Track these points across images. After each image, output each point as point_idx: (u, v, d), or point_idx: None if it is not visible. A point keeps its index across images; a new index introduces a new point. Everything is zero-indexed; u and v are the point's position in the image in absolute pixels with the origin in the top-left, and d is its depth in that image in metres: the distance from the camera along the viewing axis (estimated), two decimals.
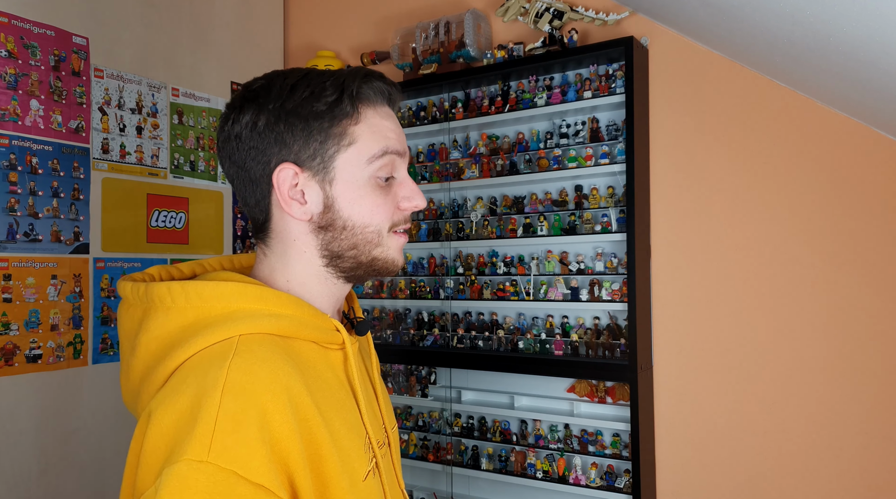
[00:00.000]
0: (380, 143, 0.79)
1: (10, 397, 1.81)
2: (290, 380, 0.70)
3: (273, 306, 0.75)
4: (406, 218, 0.83)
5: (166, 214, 2.24)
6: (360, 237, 0.80)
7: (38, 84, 1.90)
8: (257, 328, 0.73)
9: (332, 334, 0.80)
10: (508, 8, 2.12)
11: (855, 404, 1.72)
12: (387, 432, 0.88)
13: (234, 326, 0.72)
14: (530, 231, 2.09)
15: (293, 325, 0.75)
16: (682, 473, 1.92)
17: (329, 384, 0.77)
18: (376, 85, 0.80)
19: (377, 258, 0.81)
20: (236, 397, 0.65)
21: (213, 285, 0.74)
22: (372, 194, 0.79)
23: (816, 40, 1.40)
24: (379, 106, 0.81)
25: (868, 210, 1.72)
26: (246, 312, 0.74)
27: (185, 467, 0.60)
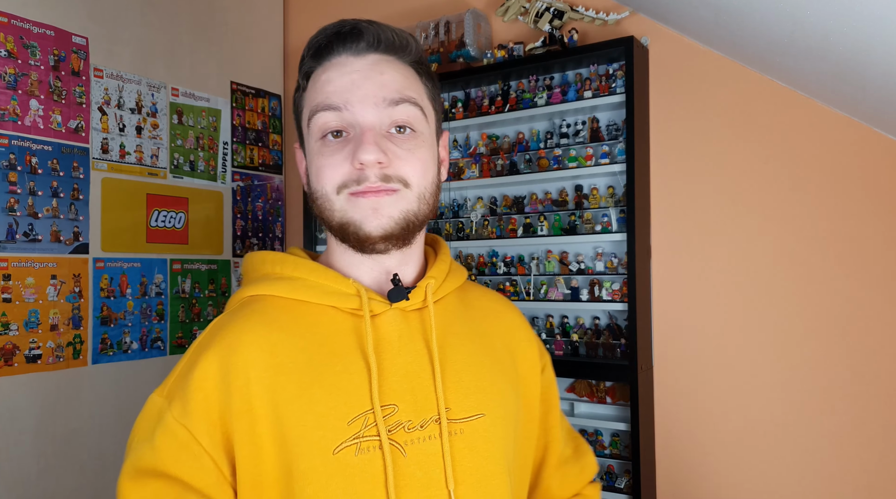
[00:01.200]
0: (313, 100, 0.75)
1: (9, 397, 1.81)
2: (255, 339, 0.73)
3: (288, 270, 0.79)
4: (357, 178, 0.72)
5: (166, 214, 2.24)
6: (319, 203, 0.76)
7: (37, 84, 1.89)
8: (263, 291, 0.79)
9: (349, 298, 0.76)
10: (508, 8, 2.12)
11: (855, 403, 1.72)
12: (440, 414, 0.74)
13: (249, 288, 0.80)
14: (530, 231, 2.09)
15: (298, 287, 0.77)
16: (682, 473, 1.91)
17: (329, 347, 0.74)
18: (319, 39, 0.76)
19: (342, 222, 0.75)
20: (198, 349, 0.74)
21: (260, 253, 0.83)
22: (316, 158, 0.75)
23: (816, 40, 1.40)
24: (329, 59, 0.75)
25: (868, 210, 1.72)
26: (267, 276, 0.80)
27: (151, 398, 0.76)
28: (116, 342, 2.07)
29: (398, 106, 0.74)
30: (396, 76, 0.75)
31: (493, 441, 0.77)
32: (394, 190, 0.73)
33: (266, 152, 2.63)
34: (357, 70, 0.74)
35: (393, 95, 0.74)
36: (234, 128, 2.50)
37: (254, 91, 2.58)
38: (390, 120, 0.74)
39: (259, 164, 2.60)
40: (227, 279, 2.44)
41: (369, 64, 0.74)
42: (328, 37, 0.75)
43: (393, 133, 0.75)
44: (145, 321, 2.16)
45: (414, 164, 0.75)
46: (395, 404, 0.73)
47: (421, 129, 0.77)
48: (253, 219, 2.57)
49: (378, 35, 0.76)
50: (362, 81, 0.73)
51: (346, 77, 0.74)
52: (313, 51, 0.76)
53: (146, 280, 2.17)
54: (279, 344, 0.73)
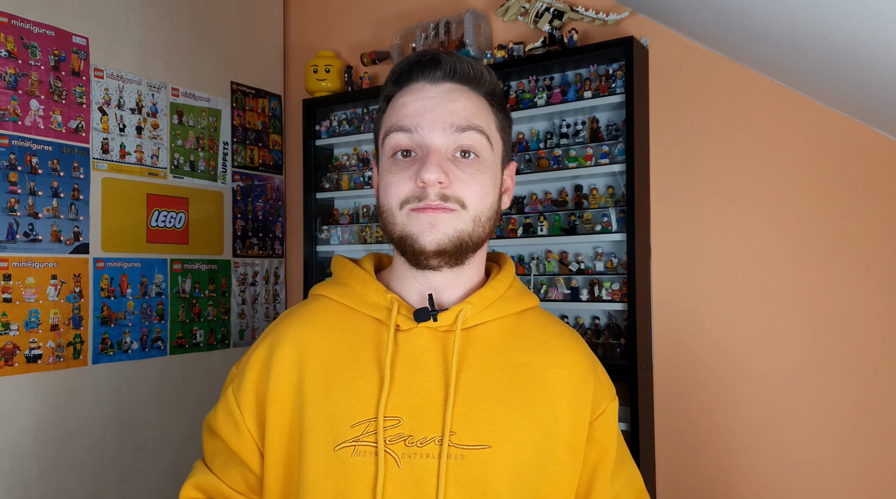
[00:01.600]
0: (388, 122, 0.82)
1: (9, 397, 1.81)
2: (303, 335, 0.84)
3: (345, 277, 0.89)
4: (418, 195, 0.77)
5: (166, 214, 2.24)
6: (384, 217, 0.82)
7: (37, 84, 1.90)
8: (322, 291, 0.89)
9: (383, 311, 0.83)
10: (508, 8, 2.12)
11: (855, 403, 1.72)
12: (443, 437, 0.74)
13: (319, 287, 0.91)
14: (530, 231, 2.09)
15: (345, 293, 0.86)
16: (682, 473, 1.92)
17: (357, 352, 0.81)
18: (398, 68, 0.84)
19: (402, 235, 0.79)
20: (264, 335, 0.88)
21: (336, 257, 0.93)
22: (386, 174, 0.81)
23: (816, 40, 1.40)
24: (408, 85, 0.82)
25: (868, 210, 1.72)
26: (333, 281, 0.90)
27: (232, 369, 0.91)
28: (117, 342, 2.07)
29: (465, 132, 0.78)
30: (467, 104, 0.80)
31: (496, 475, 0.75)
32: (451, 209, 0.77)
33: (266, 152, 2.63)
34: (431, 96, 0.79)
35: (461, 122, 0.78)
36: (234, 128, 2.50)
37: (254, 91, 2.58)
38: (456, 144, 0.79)
39: (259, 164, 2.60)
40: (227, 279, 2.44)
41: (443, 91, 0.80)
42: (409, 65, 0.82)
43: (458, 157, 0.79)
44: (145, 321, 2.16)
45: (473, 187, 0.79)
46: (400, 417, 0.76)
47: (485, 156, 0.81)
48: (253, 219, 2.57)
49: (454, 65, 0.81)
50: (434, 107, 0.79)
51: (420, 102, 0.79)
52: (395, 77, 0.83)
53: (146, 280, 2.17)
54: (315, 343, 0.83)
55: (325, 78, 2.44)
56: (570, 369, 0.84)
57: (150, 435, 2.15)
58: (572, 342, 0.88)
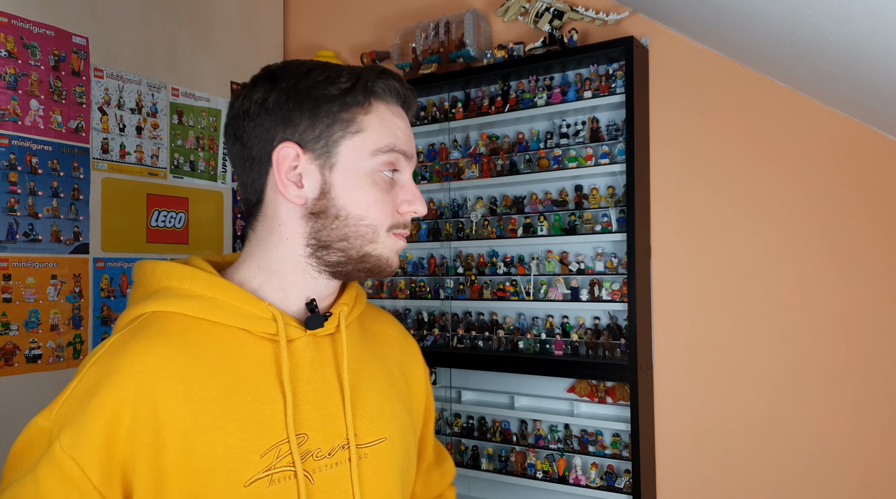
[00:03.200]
0: (388, 138, 0.77)
1: (9, 397, 1.81)
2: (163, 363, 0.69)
3: (193, 287, 0.75)
4: (406, 222, 0.80)
5: (166, 214, 2.24)
6: (353, 229, 0.76)
7: (37, 84, 1.90)
8: (168, 307, 0.74)
9: (264, 322, 0.75)
10: (508, 8, 2.12)
11: (855, 403, 1.72)
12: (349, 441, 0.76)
13: (150, 303, 0.74)
14: (530, 231, 2.09)
15: (206, 307, 0.74)
16: (682, 473, 1.92)
17: (240, 375, 0.72)
18: (392, 83, 0.79)
19: (369, 255, 0.77)
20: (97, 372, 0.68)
21: (154, 264, 0.78)
22: (371, 188, 0.76)
23: (816, 40, 1.40)
24: (392, 104, 0.80)
25: (868, 210, 1.72)
26: (167, 291, 0.75)
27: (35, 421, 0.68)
28: None
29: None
30: None
31: (393, 463, 0.81)
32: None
33: None
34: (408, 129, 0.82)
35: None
36: None
37: None
38: None
39: None
40: None
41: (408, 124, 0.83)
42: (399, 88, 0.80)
43: None
44: None
45: None
46: (306, 433, 0.74)
47: None
48: None
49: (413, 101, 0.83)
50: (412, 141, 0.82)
51: (408, 132, 0.81)
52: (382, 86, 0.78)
53: None
54: (190, 370, 0.70)
55: None
56: (409, 352, 0.95)
57: None
58: (400, 327, 0.97)
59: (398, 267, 0.82)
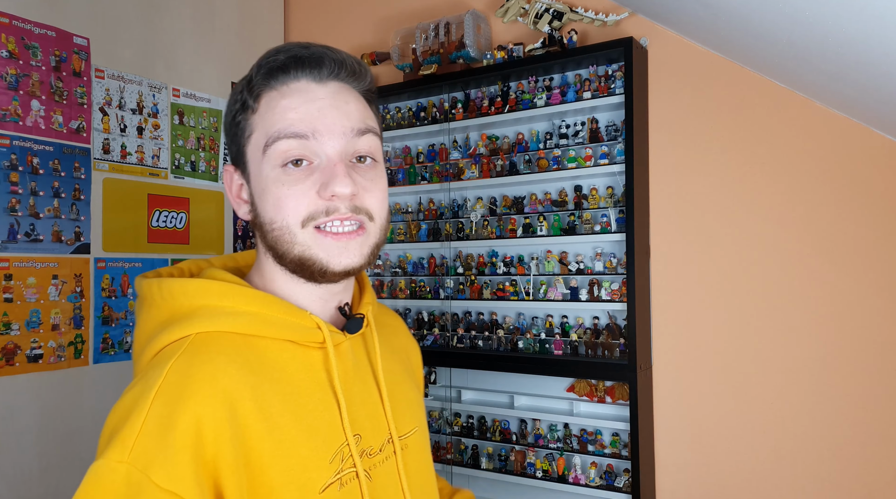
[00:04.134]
0: (273, 126, 0.71)
1: (10, 396, 1.81)
2: (232, 384, 0.67)
3: (236, 303, 0.73)
4: (325, 209, 0.71)
5: (167, 215, 2.24)
6: (273, 235, 0.72)
7: (38, 84, 1.90)
8: (214, 326, 0.71)
9: (310, 332, 0.75)
10: (508, 9, 2.13)
11: (854, 403, 1.72)
12: (392, 438, 0.79)
13: (192, 324, 0.71)
14: (530, 231, 2.10)
15: (255, 323, 0.72)
16: (682, 472, 1.92)
17: (296, 386, 0.72)
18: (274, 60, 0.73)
19: (303, 257, 0.72)
20: (168, 401, 0.64)
21: (182, 282, 0.74)
22: (273, 186, 0.71)
23: (816, 40, 1.40)
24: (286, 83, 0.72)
25: (868, 210, 1.72)
26: (207, 310, 0.72)
27: (104, 465, 0.61)
28: (118, 342, 2.08)
29: (363, 136, 0.73)
30: (358, 106, 0.75)
31: (426, 450, 0.86)
32: (362, 229, 0.73)
33: None
34: (321, 98, 0.72)
35: (359, 125, 0.73)
36: None
37: None
38: (353, 150, 0.73)
39: None
40: None
41: (332, 92, 0.73)
42: (286, 59, 0.72)
43: (355, 163, 0.74)
44: None
45: (377, 194, 0.75)
46: (360, 433, 0.75)
47: (379, 158, 0.77)
48: None
49: (340, 62, 0.74)
50: (329, 110, 0.72)
51: (312, 104, 0.71)
52: (266, 70, 0.73)
53: None
54: (256, 388, 0.69)
55: None
56: (410, 342, 0.98)
57: None
58: (398, 317, 1.00)
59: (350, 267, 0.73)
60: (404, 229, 2.36)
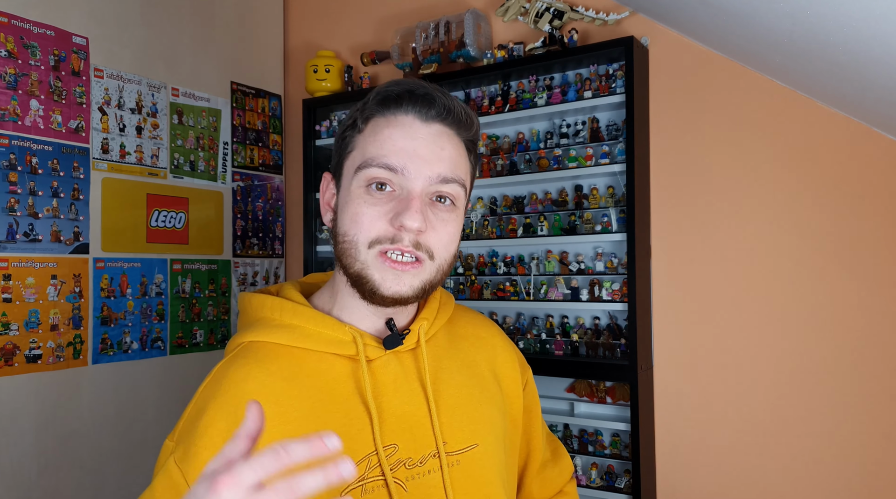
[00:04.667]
0: (369, 152, 0.76)
1: (9, 397, 1.81)
2: (257, 387, 0.74)
3: (284, 317, 0.81)
4: (392, 237, 0.75)
5: (166, 214, 2.24)
6: (343, 246, 0.78)
7: (37, 84, 1.90)
8: (263, 337, 0.79)
9: (345, 345, 0.79)
10: (508, 8, 2.12)
11: (855, 403, 1.72)
12: (439, 452, 0.79)
13: (250, 333, 0.80)
14: (530, 231, 2.09)
15: (295, 335, 0.79)
16: (682, 473, 1.92)
17: (330, 395, 0.77)
18: (391, 90, 0.78)
19: (361, 275, 0.76)
20: (204, 397, 0.75)
21: (252, 296, 0.85)
22: (356, 203, 0.76)
23: (816, 40, 1.40)
24: (395, 114, 0.77)
25: (868, 210, 1.72)
26: (263, 322, 0.81)
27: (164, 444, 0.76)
28: (117, 342, 2.07)
29: (448, 184, 0.77)
30: (453, 154, 0.79)
31: (488, 467, 0.83)
32: (419, 262, 0.76)
33: (266, 152, 2.63)
34: (421, 137, 0.76)
35: (447, 173, 0.77)
36: (234, 128, 2.50)
37: (254, 91, 2.58)
38: (435, 191, 0.77)
39: (259, 164, 2.60)
40: (227, 279, 2.44)
41: (433, 134, 0.77)
42: (401, 92, 0.77)
43: (434, 201, 0.78)
44: (145, 321, 2.16)
45: (443, 236, 0.78)
46: (396, 444, 0.77)
47: (459, 205, 0.80)
48: (253, 219, 2.57)
49: (448, 106, 0.78)
50: (424, 151, 0.76)
51: (410, 142, 0.76)
52: (381, 98, 0.78)
53: (146, 280, 2.17)
54: (283, 393, 0.74)
55: (325, 78, 2.45)
56: (502, 353, 0.94)
57: (150, 435, 2.15)
58: (491, 329, 0.97)
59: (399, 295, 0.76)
60: None
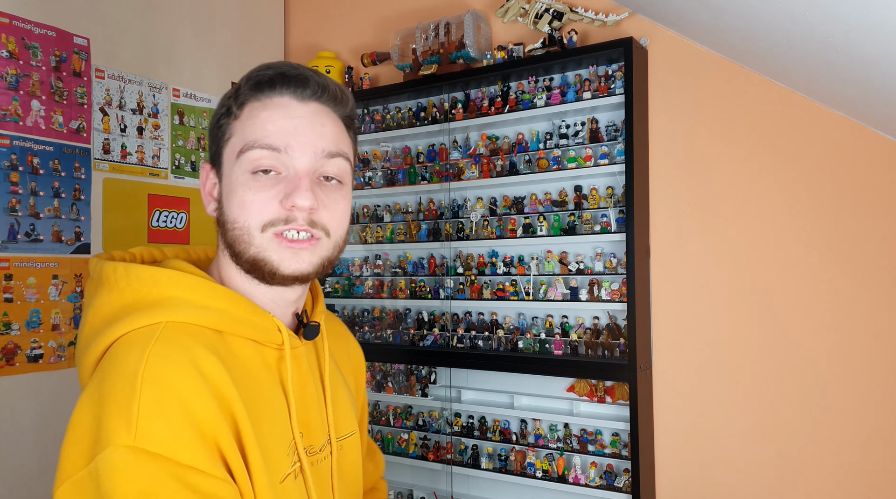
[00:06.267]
0: (249, 136, 0.76)
1: (10, 396, 1.81)
2: (212, 369, 0.70)
3: (205, 298, 0.76)
4: (287, 218, 0.75)
5: (167, 215, 2.25)
6: (233, 234, 0.77)
7: (39, 85, 1.90)
8: (184, 318, 0.73)
9: (272, 333, 0.79)
10: (508, 9, 2.13)
11: (855, 403, 1.72)
12: (331, 440, 0.84)
13: (162, 312, 0.72)
14: (530, 231, 2.10)
15: (223, 319, 0.75)
16: (682, 472, 1.92)
17: (259, 382, 0.76)
18: (263, 74, 0.78)
19: (257, 258, 0.76)
20: (154, 384, 0.65)
21: (152, 270, 0.75)
22: (241, 189, 0.76)
23: (816, 40, 1.40)
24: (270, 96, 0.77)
25: (868, 210, 1.72)
26: (177, 301, 0.74)
27: (115, 453, 0.62)
28: None
29: (332, 159, 0.79)
30: (335, 129, 0.80)
31: (359, 451, 0.93)
32: (315, 239, 0.78)
33: None
34: (300, 116, 0.77)
35: (330, 148, 0.78)
36: None
37: None
38: (322, 169, 0.78)
39: None
40: None
41: (311, 112, 0.78)
42: (274, 75, 0.77)
43: (322, 181, 0.79)
44: None
45: (336, 214, 0.80)
46: (303, 432, 0.81)
47: (346, 181, 0.82)
48: None
49: (323, 85, 0.79)
50: (305, 129, 0.77)
51: (289, 121, 0.76)
52: (254, 83, 0.78)
53: None
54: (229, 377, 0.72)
55: None
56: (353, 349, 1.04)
57: None
58: (344, 328, 1.06)
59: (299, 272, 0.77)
60: (404, 229, 2.36)
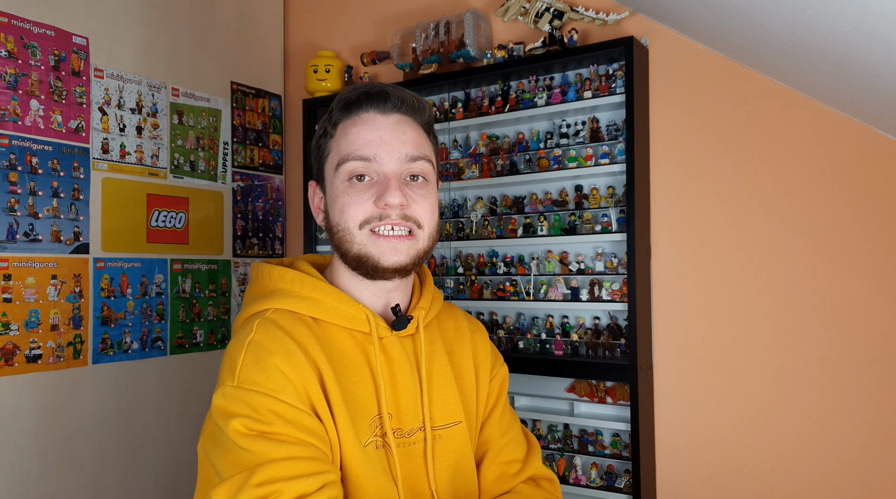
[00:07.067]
0: (342, 151, 0.90)
1: (9, 397, 1.81)
2: (304, 339, 0.85)
3: (305, 290, 0.91)
4: (381, 215, 0.88)
5: (166, 214, 2.24)
6: (338, 236, 0.91)
7: (37, 84, 1.90)
8: (285, 305, 0.90)
9: (359, 322, 0.91)
10: (508, 8, 2.12)
11: (855, 404, 1.72)
12: (424, 427, 0.92)
13: (272, 301, 0.90)
14: (530, 231, 2.09)
15: (315, 307, 0.90)
16: (682, 473, 1.92)
17: (351, 360, 0.89)
18: (349, 95, 0.92)
19: (360, 255, 0.90)
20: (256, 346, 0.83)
21: (275, 269, 0.94)
22: (341, 197, 0.90)
23: (816, 40, 1.40)
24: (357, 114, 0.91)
25: (868, 210, 1.72)
26: (284, 292, 0.91)
27: (221, 391, 0.82)
28: (117, 342, 2.07)
29: (416, 162, 0.91)
30: (415, 135, 0.92)
31: (467, 442, 0.98)
32: (412, 235, 0.90)
33: (266, 152, 2.63)
34: (384, 127, 0.90)
35: (413, 152, 0.91)
36: (234, 128, 2.50)
37: (254, 91, 2.58)
38: (408, 171, 0.91)
39: (259, 164, 2.60)
40: (227, 279, 2.44)
41: (392, 123, 0.91)
42: (359, 95, 0.91)
43: (409, 180, 0.91)
44: (146, 321, 2.16)
45: (425, 207, 0.92)
46: (391, 413, 0.90)
47: (431, 179, 0.94)
48: (253, 219, 2.57)
49: (402, 98, 0.91)
50: (389, 138, 0.90)
51: (375, 132, 0.89)
52: (342, 104, 0.92)
53: (146, 280, 2.17)
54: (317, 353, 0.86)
55: (326, 78, 2.45)
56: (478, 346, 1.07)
57: (150, 435, 2.15)
58: (475, 324, 1.11)
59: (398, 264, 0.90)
60: None
